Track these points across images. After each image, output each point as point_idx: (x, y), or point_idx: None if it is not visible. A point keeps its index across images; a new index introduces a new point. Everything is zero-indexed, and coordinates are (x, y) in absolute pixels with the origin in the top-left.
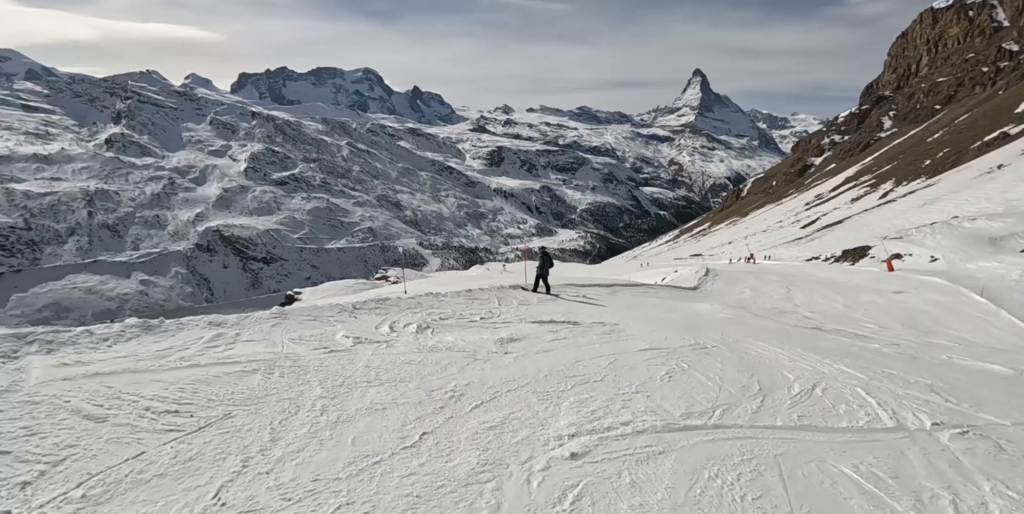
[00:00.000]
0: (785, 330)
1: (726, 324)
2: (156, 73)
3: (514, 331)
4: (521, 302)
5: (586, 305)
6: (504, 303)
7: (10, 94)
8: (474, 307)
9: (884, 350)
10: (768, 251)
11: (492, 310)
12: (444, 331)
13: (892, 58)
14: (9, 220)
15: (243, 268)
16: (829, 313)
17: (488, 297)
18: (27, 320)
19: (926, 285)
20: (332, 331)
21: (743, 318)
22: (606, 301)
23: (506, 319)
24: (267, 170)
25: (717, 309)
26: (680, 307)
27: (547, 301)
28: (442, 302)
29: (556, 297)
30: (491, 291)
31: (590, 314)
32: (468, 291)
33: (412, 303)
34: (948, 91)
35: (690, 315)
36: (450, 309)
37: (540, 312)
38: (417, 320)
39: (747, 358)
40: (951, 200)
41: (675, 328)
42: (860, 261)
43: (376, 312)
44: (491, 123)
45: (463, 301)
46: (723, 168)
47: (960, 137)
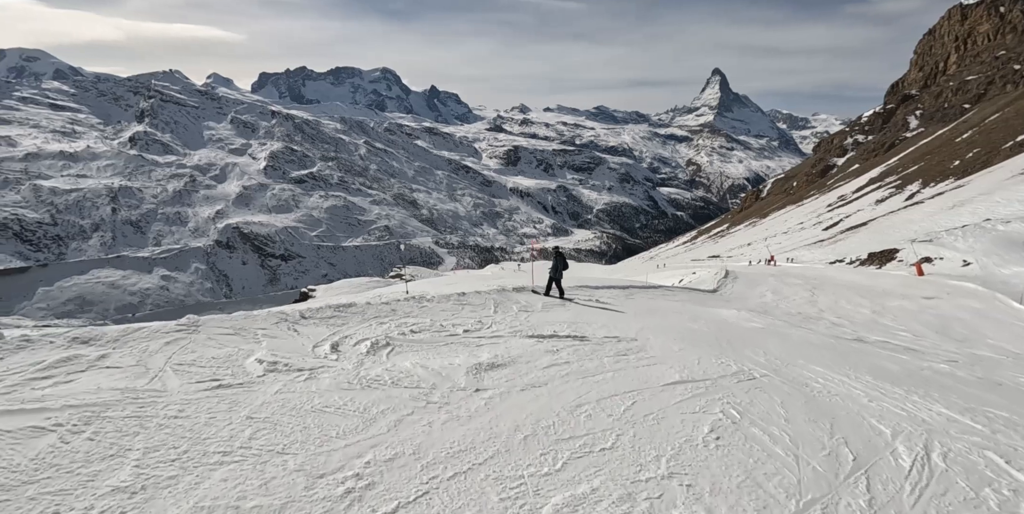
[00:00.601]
0: (831, 344)
1: (762, 337)
2: (178, 73)
3: (501, 351)
4: (522, 308)
5: (598, 311)
6: (501, 309)
7: (38, 93)
8: (462, 315)
9: (958, 373)
10: (790, 253)
11: (483, 319)
12: (406, 352)
13: (918, 56)
14: (36, 215)
15: (261, 265)
16: (857, 319)
17: (483, 302)
18: (52, 313)
19: (959, 290)
20: (247, 352)
21: (778, 328)
22: (621, 305)
23: (497, 332)
24: (286, 168)
25: (745, 316)
26: (704, 314)
27: (555, 306)
28: (424, 308)
29: (568, 301)
30: (488, 294)
31: (602, 324)
32: (461, 294)
33: (383, 310)
34: (978, 89)
35: (718, 324)
36: (430, 318)
37: (542, 322)
38: (377, 335)
39: (812, 395)
40: (982, 202)
41: (706, 345)
42: (887, 265)
43: (329, 323)
44: (508, 122)
45: (451, 307)
46: (742, 169)
47: (991, 137)
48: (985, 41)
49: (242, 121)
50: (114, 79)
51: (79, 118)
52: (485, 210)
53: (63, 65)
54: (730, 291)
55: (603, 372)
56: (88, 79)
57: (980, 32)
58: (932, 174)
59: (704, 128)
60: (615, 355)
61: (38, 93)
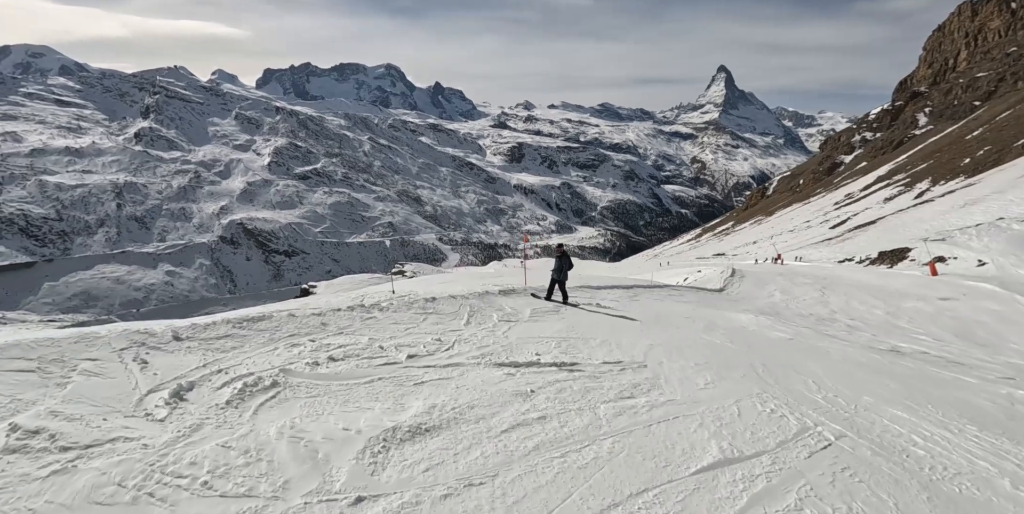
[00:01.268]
0: (881, 364)
1: (799, 355)
2: (183, 69)
3: (446, 396)
4: (505, 317)
5: (599, 319)
6: (477, 320)
7: (44, 89)
8: (419, 330)
9: None
10: (797, 252)
11: (445, 336)
12: (295, 399)
13: (927, 53)
14: (42, 211)
15: (265, 261)
16: (871, 321)
17: (456, 309)
18: (57, 308)
19: (976, 292)
20: (25, 403)
21: (808, 340)
22: (626, 308)
23: (455, 358)
24: (290, 164)
25: (764, 323)
26: (719, 320)
27: (546, 314)
28: (370, 320)
29: (570, 306)
30: (466, 299)
31: (602, 340)
32: (431, 300)
33: (307, 325)
34: (988, 86)
35: (739, 335)
36: (370, 335)
37: (524, 338)
38: (270, 368)
39: (929, 478)
40: (995, 200)
41: (738, 373)
42: (899, 264)
43: (211, 346)
44: (512, 119)
45: (410, 317)
46: (747, 167)
47: (1002, 134)
48: (996, 37)
49: (246, 117)
50: (119, 75)
51: (84, 114)
52: (489, 207)
53: (69, 61)
54: (737, 290)
55: (597, 440)
56: (93, 75)
57: (991, 28)
58: (942, 172)
59: (709, 125)
60: (616, 399)
61: (44, 89)
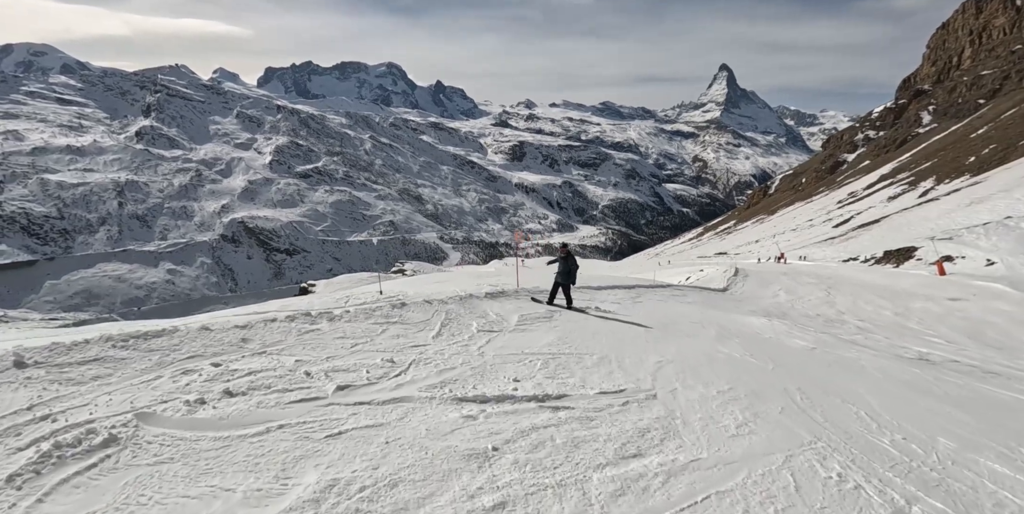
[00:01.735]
0: (934, 385)
1: (834, 373)
2: (185, 67)
3: (360, 466)
4: (486, 326)
5: (597, 326)
6: (450, 331)
7: (45, 87)
8: (372, 346)
9: None
10: (800, 251)
11: (401, 355)
12: (111, 475)
13: (931, 50)
14: (43, 209)
15: (267, 259)
16: (880, 322)
17: (429, 317)
18: (59, 307)
19: (986, 292)
20: None
21: (835, 350)
22: (628, 312)
23: (402, 389)
24: (291, 163)
25: (780, 328)
26: (730, 324)
27: (536, 322)
28: (306, 336)
29: (573, 311)
30: (444, 303)
31: (600, 357)
32: (400, 305)
33: (220, 342)
34: (993, 84)
35: (757, 344)
36: (300, 356)
37: (504, 356)
38: (122, 410)
39: None
40: (1002, 199)
41: (774, 407)
42: (905, 263)
43: (60, 377)
44: (513, 118)
45: (366, 328)
46: (748, 165)
47: (1008, 132)
48: (1001, 35)
49: (248, 116)
50: (121, 74)
51: (86, 112)
52: (490, 205)
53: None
54: (741, 290)
55: None
56: (95, 74)
57: (995, 26)
58: (946, 170)
59: (711, 124)
60: (616, 460)
61: (45, 88)
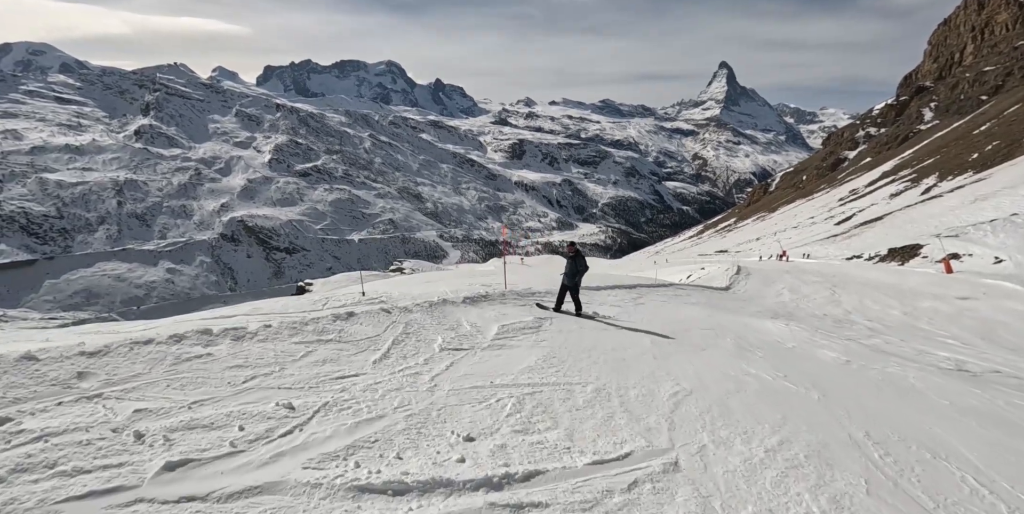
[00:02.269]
0: (1013, 417)
1: (885, 396)
2: (183, 66)
3: None
4: (451, 342)
5: (595, 339)
6: (403, 350)
7: (44, 87)
8: (275, 381)
9: None
10: (802, 248)
11: (311, 395)
12: None
13: (933, 47)
14: (42, 209)
15: (266, 258)
16: (889, 322)
17: (380, 332)
18: (58, 306)
19: (996, 290)
20: None
21: (872, 364)
22: (629, 317)
23: (276, 465)
24: (290, 161)
25: (801, 335)
26: (744, 330)
27: (519, 335)
28: (186, 366)
29: (588, 318)
30: (407, 312)
31: (595, 390)
32: (346, 316)
33: (48, 377)
34: (996, 81)
35: (785, 359)
36: (148, 401)
37: (463, 391)
38: None
39: None
40: (1007, 196)
41: (857, 480)
42: (910, 261)
43: None
44: (513, 116)
45: (282, 351)
46: (748, 163)
47: (1011, 129)
48: (1003, 31)
49: (247, 114)
50: (119, 72)
51: (84, 111)
52: (490, 204)
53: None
54: (744, 289)
55: None
56: (93, 73)
57: (998, 22)
58: (949, 167)
59: (710, 122)
60: None
61: (44, 87)
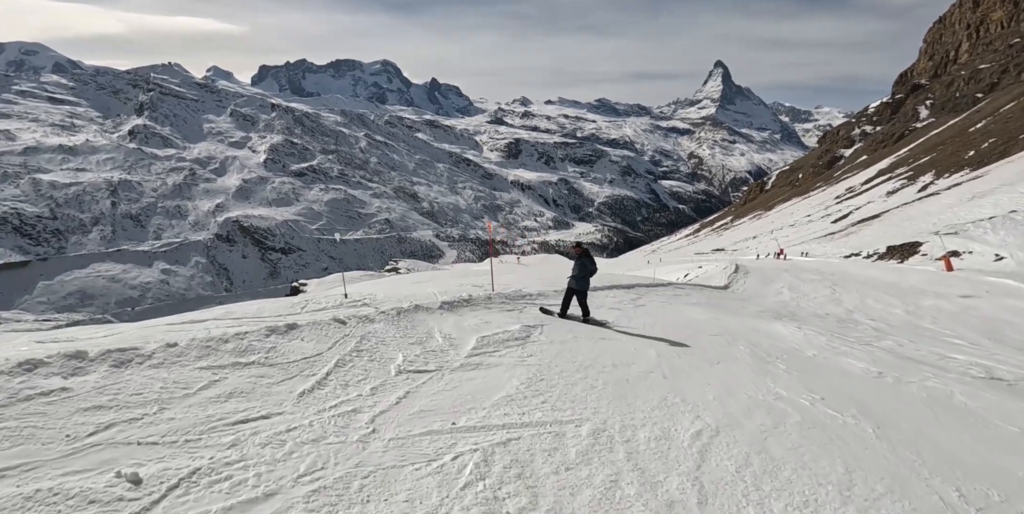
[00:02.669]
0: None
1: (944, 423)
2: (178, 65)
3: None
4: (413, 361)
5: (591, 352)
6: (346, 375)
7: (37, 87)
8: (141, 430)
9: None
10: (800, 247)
11: (180, 457)
12: None
13: (928, 45)
14: (36, 209)
15: (262, 258)
16: (892, 321)
17: (323, 348)
18: (52, 307)
19: (999, 289)
20: None
21: (908, 376)
22: (630, 320)
23: None
24: (286, 161)
25: (818, 341)
26: (756, 335)
27: (502, 348)
28: (26, 406)
29: (599, 326)
30: (367, 322)
31: (592, 433)
32: (286, 329)
33: None
34: (991, 78)
35: (811, 374)
36: None
37: (404, 450)
38: None
39: None
40: (1005, 193)
41: None
42: (910, 259)
43: None
44: (509, 115)
45: (183, 378)
46: (744, 162)
47: (1008, 126)
48: (998, 28)
49: (242, 114)
50: (113, 72)
51: (78, 112)
52: (486, 203)
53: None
54: (743, 288)
55: None
56: (87, 72)
57: (993, 19)
58: (946, 165)
59: (706, 121)
60: None
61: (37, 87)
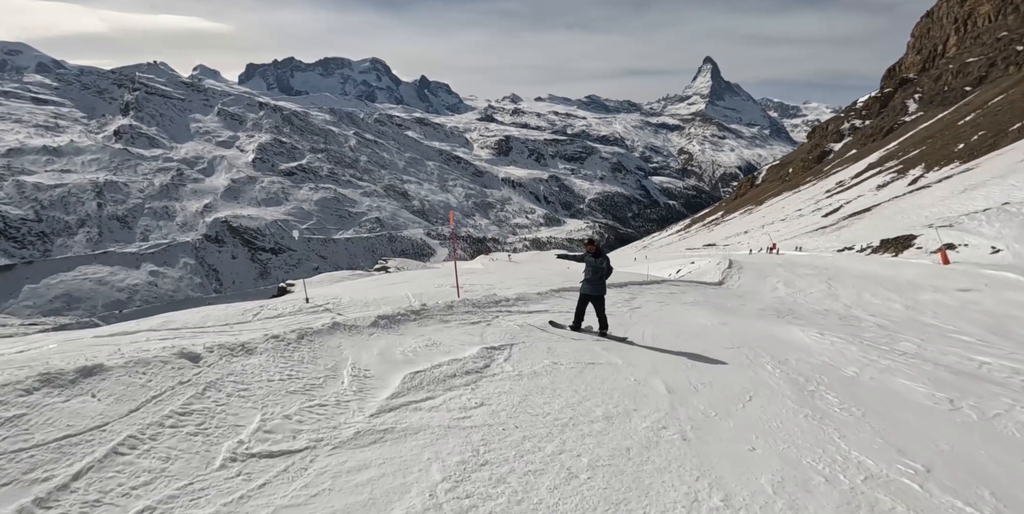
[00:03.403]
0: None
1: None
2: (164, 64)
3: None
4: (267, 435)
5: (572, 390)
6: (111, 471)
7: (20, 87)
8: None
9: None
10: (792, 241)
11: None
12: None
13: (916, 39)
14: (20, 212)
15: (252, 259)
16: (893, 317)
17: (112, 414)
18: (39, 311)
19: (998, 282)
20: None
21: (985, 403)
22: (625, 326)
23: None
24: (275, 161)
25: (849, 351)
26: (777, 346)
27: (435, 399)
28: None
29: (617, 340)
30: (224, 358)
31: None
32: (80, 374)
33: None
34: (979, 72)
35: (868, 402)
36: None
37: None
38: None
39: None
40: (996, 185)
41: None
42: (904, 252)
43: None
44: (499, 112)
45: None
46: (733, 157)
47: (997, 119)
48: (986, 22)
49: (229, 113)
50: (97, 72)
51: (62, 112)
52: (477, 201)
53: (45, 58)
54: (738, 284)
55: None
56: (71, 72)
57: (980, 13)
58: (935, 158)
59: (696, 117)
60: None
61: (19, 87)
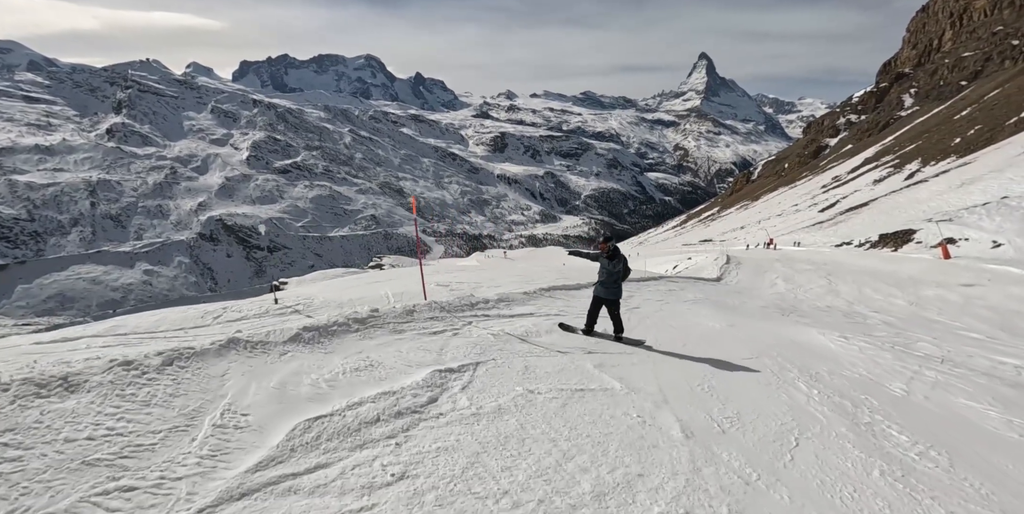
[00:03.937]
0: None
1: None
2: (157, 62)
3: None
4: None
5: (551, 438)
6: None
7: (11, 85)
8: None
9: None
10: (789, 236)
11: None
12: None
13: (911, 34)
14: (13, 211)
15: (246, 257)
16: (897, 313)
17: None
18: (32, 311)
19: (1001, 276)
20: None
21: None
22: (626, 330)
23: None
24: (269, 158)
25: (887, 361)
26: (800, 355)
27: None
28: None
29: (638, 346)
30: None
31: None
32: None
33: None
34: (975, 66)
35: (943, 440)
36: None
37: None
38: None
39: None
40: (994, 179)
41: None
42: (904, 247)
43: None
44: (494, 109)
45: None
46: (729, 153)
47: (994, 113)
48: (981, 16)
49: (223, 111)
50: (90, 70)
51: (54, 110)
52: (473, 197)
53: (37, 56)
54: (736, 280)
55: None
56: (63, 70)
57: (976, 8)
58: (932, 152)
59: (691, 113)
60: None
61: (11, 85)
